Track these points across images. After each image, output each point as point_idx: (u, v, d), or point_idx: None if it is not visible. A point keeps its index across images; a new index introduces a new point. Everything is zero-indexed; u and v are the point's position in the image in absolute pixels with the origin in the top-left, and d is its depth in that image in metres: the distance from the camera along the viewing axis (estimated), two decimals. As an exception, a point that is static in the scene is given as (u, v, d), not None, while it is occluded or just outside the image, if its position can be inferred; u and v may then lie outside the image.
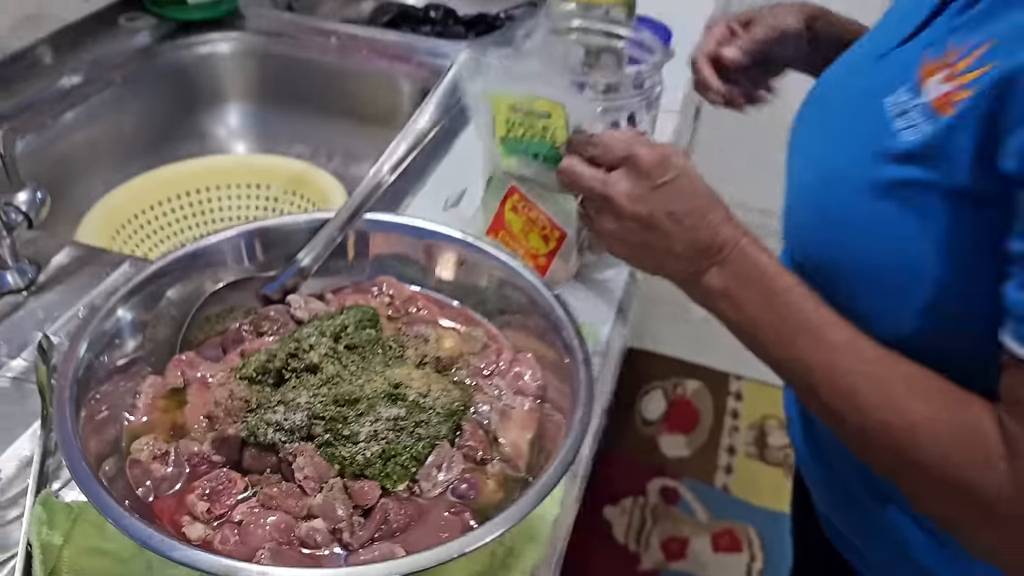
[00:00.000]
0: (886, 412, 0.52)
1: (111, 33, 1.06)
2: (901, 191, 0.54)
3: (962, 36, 0.54)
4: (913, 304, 0.55)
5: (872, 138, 0.57)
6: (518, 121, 0.64)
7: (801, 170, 0.66)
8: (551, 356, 0.56)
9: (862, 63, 0.66)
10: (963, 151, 0.51)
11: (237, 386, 0.52)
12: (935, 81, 0.54)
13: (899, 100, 0.56)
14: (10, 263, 0.70)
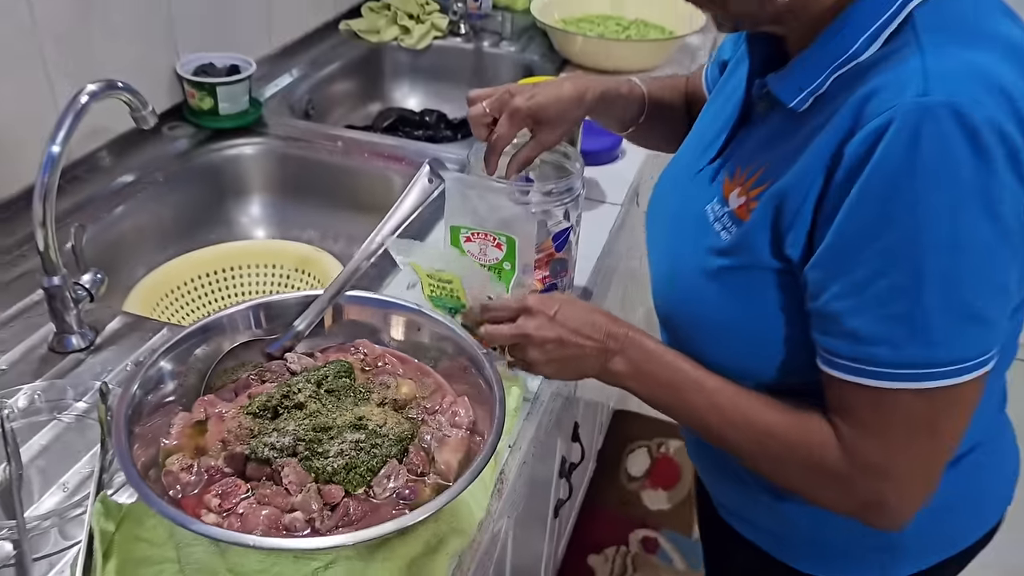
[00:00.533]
0: (756, 428, 0.72)
1: (156, 140, 1.27)
2: (725, 275, 0.73)
3: (746, 162, 0.74)
4: (755, 352, 0.74)
5: (700, 238, 0.76)
6: (435, 284, 0.85)
7: (657, 259, 0.85)
8: (479, 394, 0.74)
9: (684, 177, 0.84)
10: (761, 244, 0.69)
11: (244, 419, 0.71)
12: (734, 195, 0.73)
13: (714, 209, 0.76)
14: (75, 329, 0.90)
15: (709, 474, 0.94)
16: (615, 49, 1.57)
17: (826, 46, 0.66)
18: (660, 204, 0.88)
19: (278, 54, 1.55)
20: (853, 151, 0.61)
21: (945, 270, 0.60)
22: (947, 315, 0.61)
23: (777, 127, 0.72)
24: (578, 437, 1.46)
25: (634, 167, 1.28)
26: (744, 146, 0.76)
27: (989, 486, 0.86)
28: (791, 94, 0.68)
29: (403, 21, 1.72)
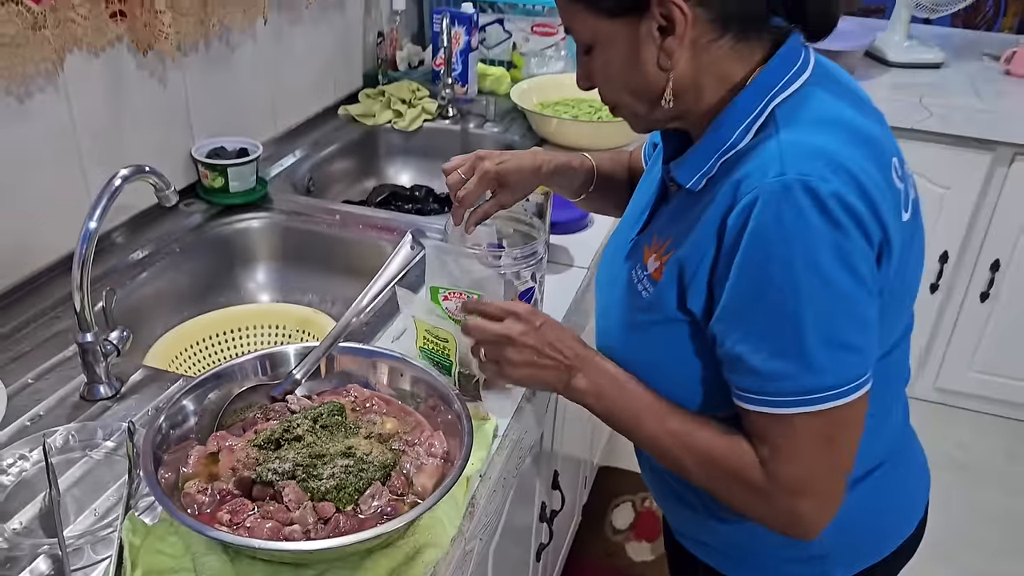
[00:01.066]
0: (700, 451, 0.84)
1: (173, 216, 1.42)
2: (646, 327, 0.87)
3: (661, 232, 0.88)
4: (680, 392, 0.87)
5: (628, 297, 0.91)
6: (430, 340, 0.98)
7: (598, 315, 1.00)
8: (453, 429, 0.87)
9: (620, 246, 0.97)
10: (669, 300, 0.84)
11: (251, 450, 0.84)
12: (651, 260, 0.87)
13: (636, 273, 0.90)
14: (104, 379, 1.03)
15: (663, 500, 1.05)
16: (587, 129, 1.73)
17: (712, 137, 0.81)
18: (602, 269, 1.02)
19: (283, 137, 1.71)
20: (732, 223, 0.75)
21: (818, 313, 0.73)
22: (826, 348, 0.74)
23: (681, 203, 0.86)
24: (558, 485, 1.57)
25: (600, 235, 1.43)
26: (660, 219, 0.91)
27: (903, 494, 0.99)
28: (688, 177, 0.83)
29: (396, 106, 1.89)
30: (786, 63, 0.81)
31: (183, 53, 1.39)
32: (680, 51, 0.79)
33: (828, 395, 0.76)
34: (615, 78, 0.84)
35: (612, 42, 0.81)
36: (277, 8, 1.60)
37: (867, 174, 0.74)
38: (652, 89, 0.82)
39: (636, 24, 0.79)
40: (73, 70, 1.19)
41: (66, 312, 1.16)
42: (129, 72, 1.30)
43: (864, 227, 0.73)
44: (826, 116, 0.78)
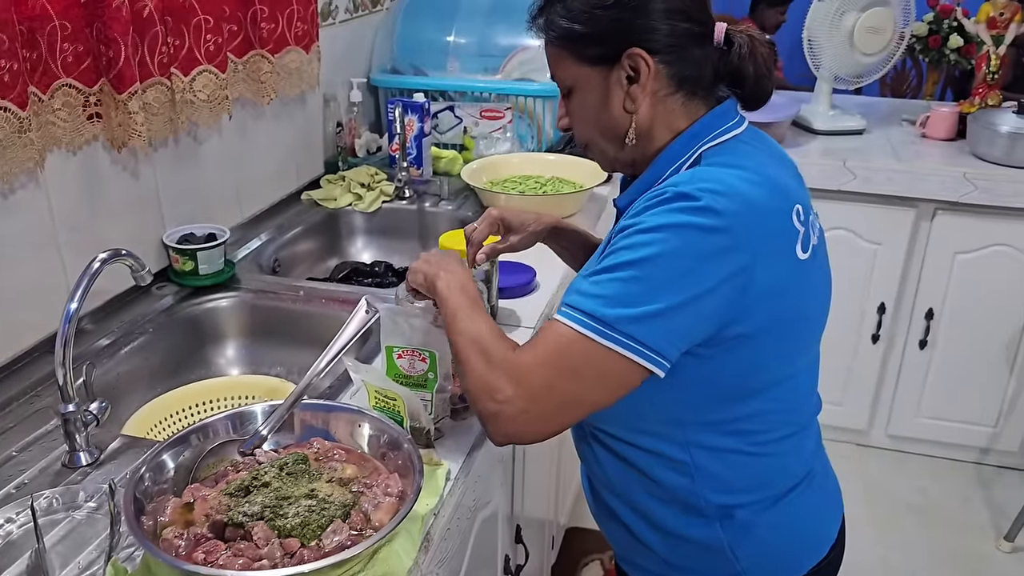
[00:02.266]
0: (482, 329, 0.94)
1: (146, 298, 1.52)
2: None
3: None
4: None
5: None
6: (381, 399, 1.08)
7: None
8: (406, 471, 0.96)
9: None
10: None
11: (223, 498, 0.92)
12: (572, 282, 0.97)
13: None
14: (84, 448, 1.10)
15: (604, 523, 1.14)
16: (533, 203, 1.87)
17: (649, 172, 0.99)
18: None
19: (249, 222, 1.83)
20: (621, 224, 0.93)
21: (637, 267, 0.86)
22: (624, 297, 0.86)
23: (612, 231, 0.99)
24: (522, 539, 1.64)
25: (546, 298, 1.54)
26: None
27: (818, 515, 1.08)
28: (623, 202, 1.02)
29: (356, 189, 2.02)
30: (719, 119, 0.98)
31: (154, 148, 1.51)
32: (642, 98, 0.96)
33: (597, 327, 0.86)
34: (588, 118, 1.01)
35: (588, 86, 0.98)
36: (241, 105, 1.73)
37: (753, 201, 0.88)
38: (618, 129, 0.99)
39: (608, 72, 0.96)
40: (53, 167, 1.30)
41: (47, 390, 1.24)
42: (104, 167, 1.41)
43: (723, 230, 0.85)
44: (741, 161, 0.93)
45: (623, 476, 1.06)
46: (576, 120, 1.03)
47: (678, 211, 0.86)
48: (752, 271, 0.87)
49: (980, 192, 2.33)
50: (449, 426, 1.16)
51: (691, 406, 0.97)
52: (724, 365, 0.93)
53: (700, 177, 0.89)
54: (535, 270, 1.57)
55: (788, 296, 0.92)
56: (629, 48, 0.94)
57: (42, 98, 1.24)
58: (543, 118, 2.20)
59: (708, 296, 0.86)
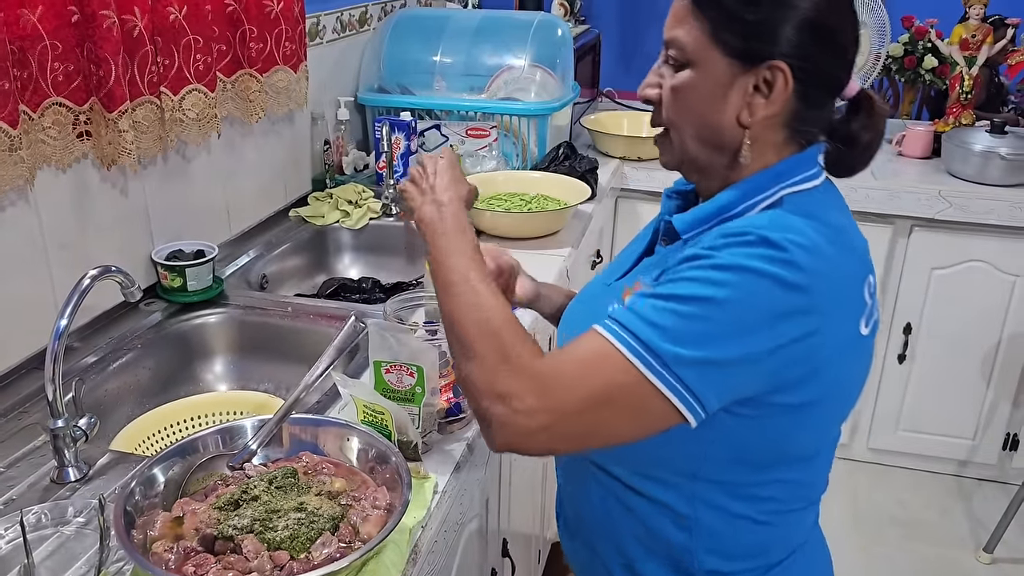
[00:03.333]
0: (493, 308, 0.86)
1: (135, 314, 1.53)
2: None
3: (644, 276, 0.95)
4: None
5: None
6: (369, 413, 1.10)
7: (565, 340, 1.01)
8: (394, 484, 0.97)
9: (601, 287, 1.04)
10: None
11: (213, 511, 0.93)
12: (628, 298, 0.89)
13: (613, 308, 0.88)
14: (73, 463, 1.11)
15: (578, 561, 1.09)
16: (519, 220, 1.90)
17: (723, 201, 0.89)
18: (576, 308, 1.08)
19: (237, 239, 1.84)
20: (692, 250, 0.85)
21: (709, 307, 0.78)
22: (685, 334, 0.78)
23: (668, 253, 0.93)
24: (508, 553, 1.65)
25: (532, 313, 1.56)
26: (643, 267, 0.99)
27: None
28: (685, 227, 0.91)
29: (343, 207, 2.04)
30: (804, 164, 0.89)
31: (143, 166, 1.52)
32: (760, 115, 0.87)
33: (648, 358, 0.78)
34: (691, 106, 0.89)
35: (709, 73, 0.87)
36: (230, 123, 1.75)
37: (836, 264, 0.81)
38: (717, 134, 0.89)
39: (739, 71, 0.86)
40: (42, 185, 1.31)
41: (35, 406, 1.25)
42: (93, 184, 1.42)
43: (803, 289, 0.78)
44: (826, 217, 0.85)
45: (616, 519, 0.98)
46: (675, 99, 0.90)
47: (761, 258, 0.78)
48: (819, 339, 0.81)
49: (955, 209, 2.38)
50: (436, 439, 1.17)
51: (711, 462, 0.89)
52: (758, 429, 0.86)
53: (786, 225, 0.81)
54: (520, 286, 1.59)
55: (842, 371, 0.86)
56: (777, 59, 0.85)
57: (32, 116, 1.26)
58: (528, 136, 2.23)
59: (769, 356, 0.79)
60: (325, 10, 2.13)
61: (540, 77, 2.25)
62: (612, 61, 3.27)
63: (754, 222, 0.83)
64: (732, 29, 0.85)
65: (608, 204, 2.46)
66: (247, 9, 1.66)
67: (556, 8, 2.83)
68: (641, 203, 2.58)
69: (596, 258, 2.33)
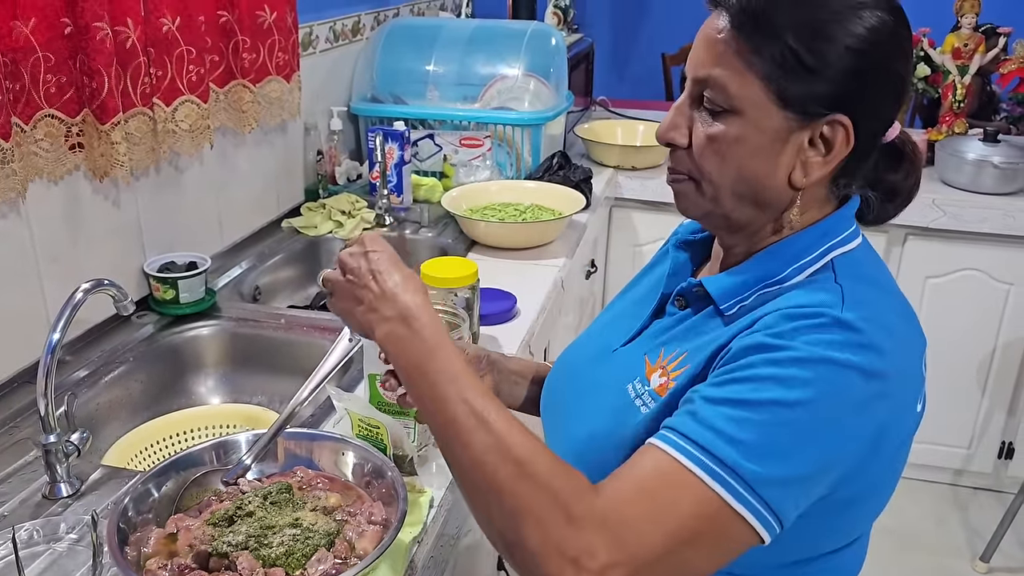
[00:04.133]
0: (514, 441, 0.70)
1: (126, 327, 1.51)
2: (638, 442, 0.76)
3: (670, 348, 0.84)
4: None
5: (621, 411, 0.82)
6: (364, 427, 1.09)
7: (564, 427, 0.91)
8: (390, 499, 0.96)
9: (601, 355, 0.92)
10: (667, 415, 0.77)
11: (207, 528, 0.92)
12: (655, 376, 0.82)
13: (635, 388, 0.83)
14: (65, 478, 1.10)
15: None
16: (513, 230, 1.89)
17: (762, 265, 0.80)
18: (570, 378, 0.96)
19: (229, 250, 1.83)
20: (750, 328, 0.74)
21: (810, 423, 0.69)
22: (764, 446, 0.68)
23: (698, 322, 0.82)
24: (504, 567, 1.64)
25: (526, 324, 1.56)
26: (659, 335, 0.87)
27: None
28: (725, 300, 0.80)
29: (336, 217, 2.03)
30: (846, 221, 0.82)
31: (135, 177, 1.51)
32: (816, 174, 0.77)
33: (732, 483, 0.67)
34: (734, 158, 0.77)
35: (761, 127, 0.75)
36: (222, 133, 1.75)
37: (908, 342, 0.75)
38: (759, 191, 0.78)
39: (796, 127, 0.75)
40: (34, 197, 1.30)
41: (26, 421, 1.24)
42: (85, 196, 1.41)
43: (882, 375, 0.71)
44: (883, 282, 0.80)
45: None
46: (712, 150, 0.77)
47: (840, 346, 0.70)
48: (888, 425, 0.74)
49: (948, 218, 2.39)
50: (432, 454, 1.16)
51: (751, 561, 0.75)
52: (811, 528, 0.76)
53: (856, 301, 0.73)
54: (515, 296, 1.59)
55: (900, 454, 0.80)
56: (841, 113, 0.75)
57: (24, 129, 1.25)
58: (522, 146, 2.23)
59: (847, 453, 0.72)
60: (318, 20, 2.13)
61: (534, 86, 2.24)
62: (605, 69, 3.28)
63: (820, 300, 0.73)
64: (794, 78, 0.73)
65: (602, 213, 2.45)
66: (240, 20, 1.65)
67: (549, 17, 2.83)
68: (636, 212, 2.58)
69: (591, 267, 2.32)
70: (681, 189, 0.83)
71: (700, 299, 0.84)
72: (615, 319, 0.98)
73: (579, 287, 2.18)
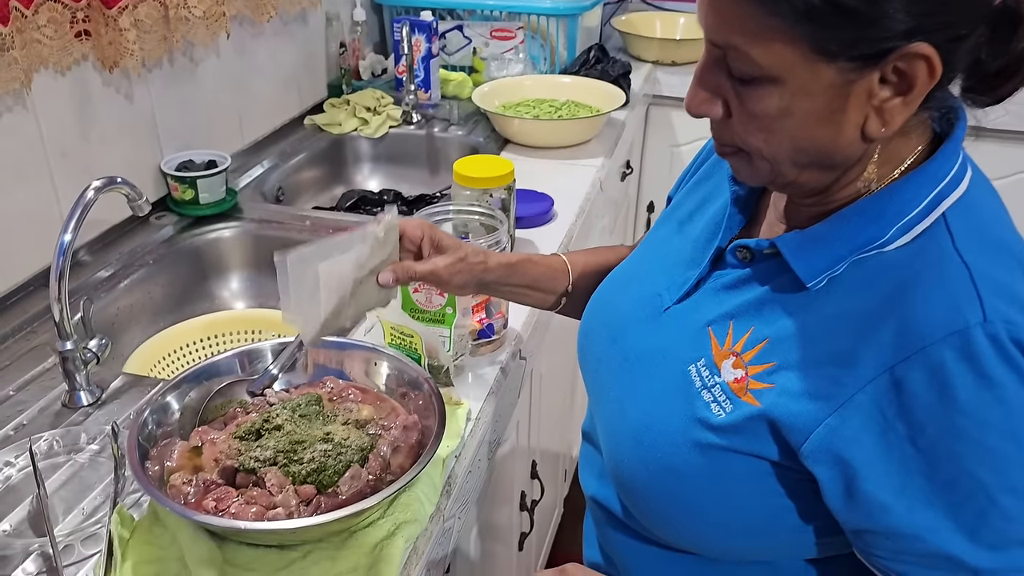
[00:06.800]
0: None
1: (145, 229, 1.45)
2: (715, 453, 0.67)
3: (742, 323, 0.68)
4: (737, 534, 0.70)
5: (685, 403, 0.69)
6: (396, 336, 1.01)
7: (613, 401, 0.78)
8: (426, 412, 0.90)
9: (651, 311, 0.77)
10: (764, 437, 0.65)
11: (233, 441, 0.87)
12: (727, 366, 0.68)
13: (701, 373, 0.69)
14: (84, 387, 1.05)
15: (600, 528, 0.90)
16: (548, 128, 1.78)
17: (848, 228, 0.64)
18: (615, 332, 0.81)
19: (250, 148, 1.74)
20: (917, 388, 0.58)
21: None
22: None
23: (772, 294, 0.68)
24: (537, 475, 1.61)
25: (564, 227, 1.47)
26: (723, 297, 0.72)
27: None
28: (808, 272, 0.65)
29: (361, 114, 1.92)
30: (949, 157, 0.64)
31: (148, 69, 1.42)
32: (900, 118, 0.60)
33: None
34: (785, 131, 0.62)
35: (811, 90, 0.59)
36: (239, 23, 1.63)
37: None
38: (825, 155, 0.63)
39: (858, 75, 0.58)
40: (40, 89, 1.21)
41: (43, 326, 1.19)
42: (95, 89, 1.32)
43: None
44: (1006, 242, 0.64)
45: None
46: (755, 125, 0.62)
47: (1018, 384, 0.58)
48: None
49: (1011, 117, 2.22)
50: (468, 363, 1.10)
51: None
52: None
53: (993, 290, 0.59)
54: (552, 198, 1.50)
55: None
56: (911, 43, 0.56)
57: (25, 13, 1.15)
58: (556, 38, 2.09)
59: None
60: (338, -101, 1.98)
61: (569, -27, 2.09)
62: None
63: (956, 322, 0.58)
64: (832, 25, 0.56)
65: (639, 112, 2.33)
66: None
67: (585, -101, 2.64)
68: (675, 111, 2.44)
69: (626, 169, 2.21)
70: (733, 163, 0.69)
71: (769, 257, 0.69)
72: (666, 256, 0.82)
73: (614, 189, 2.08)
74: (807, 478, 0.65)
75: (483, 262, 0.90)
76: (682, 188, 0.90)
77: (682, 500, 0.70)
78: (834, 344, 0.63)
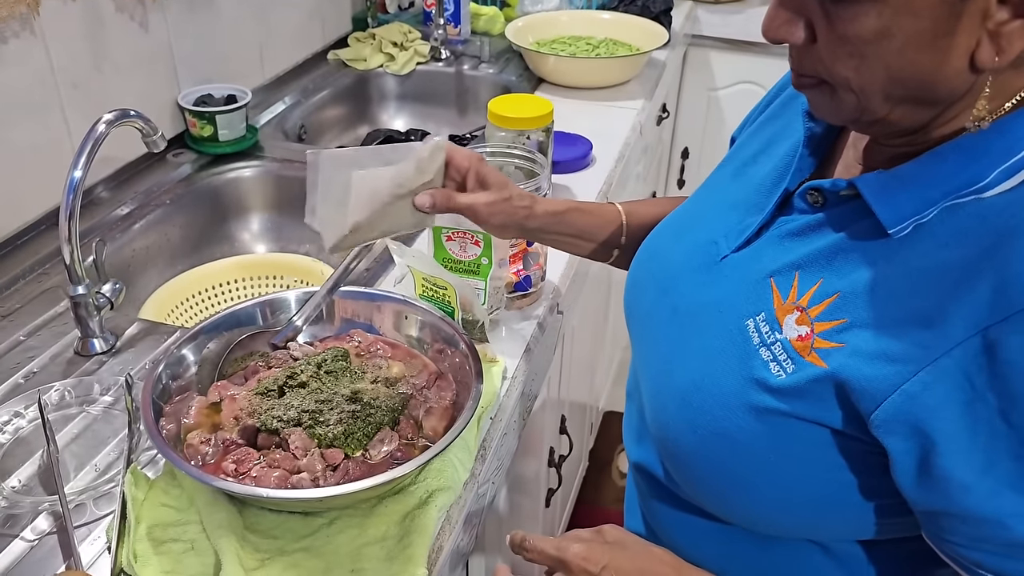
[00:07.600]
0: None
1: (161, 167, 1.38)
2: (773, 418, 0.61)
3: (809, 275, 0.61)
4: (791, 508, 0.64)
5: (741, 362, 0.63)
6: (429, 288, 0.94)
7: (660, 357, 0.71)
8: (461, 371, 0.84)
9: (706, 260, 0.71)
10: (830, 403, 0.58)
11: (254, 398, 0.81)
12: (791, 320, 0.61)
13: (760, 329, 0.62)
14: (98, 333, 0.99)
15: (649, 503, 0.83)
16: (585, 67, 1.68)
17: (943, 168, 0.56)
18: (666, 283, 0.75)
19: (271, 84, 1.66)
20: (1016, 353, 0.51)
21: None
22: None
23: (847, 242, 0.61)
24: (566, 430, 1.55)
25: (603, 173, 1.38)
26: (788, 245, 0.65)
27: None
28: (893, 217, 0.57)
29: (388, 49, 1.83)
30: None
31: (163, -5, 1.33)
32: (1020, 44, 0.51)
33: None
34: (881, 56, 0.53)
35: (912, 7, 0.51)
36: (260, -53, 1.54)
37: None
38: (926, 87, 0.54)
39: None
40: (49, 13, 1.13)
41: (55, 268, 1.13)
42: (108, 15, 1.24)
43: None
44: None
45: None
46: (847, 51, 0.54)
47: None
48: None
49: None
50: (504, 318, 1.03)
51: None
52: None
53: None
54: (591, 142, 1.41)
55: None
56: None
57: (31, -71, 1.06)
58: (594, -29, 1.97)
59: None
60: None
61: (610, -100, 1.96)
62: None
63: None
64: None
65: (678, 52, 2.21)
66: None
67: None
68: (715, 52, 2.32)
69: (663, 113, 2.11)
70: (813, 97, 0.60)
71: (846, 200, 0.62)
72: (723, 201, 0.75)
73: (650, 134, 1.98)
74: (875, 451, 0.58)
75: (528, 207, 0.83)
76: (748, 128, 0.82)
77: (732, 469, 0.64)
78: (918, 300, 0.56)
